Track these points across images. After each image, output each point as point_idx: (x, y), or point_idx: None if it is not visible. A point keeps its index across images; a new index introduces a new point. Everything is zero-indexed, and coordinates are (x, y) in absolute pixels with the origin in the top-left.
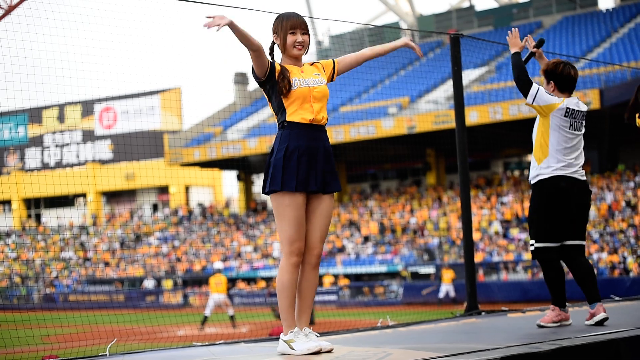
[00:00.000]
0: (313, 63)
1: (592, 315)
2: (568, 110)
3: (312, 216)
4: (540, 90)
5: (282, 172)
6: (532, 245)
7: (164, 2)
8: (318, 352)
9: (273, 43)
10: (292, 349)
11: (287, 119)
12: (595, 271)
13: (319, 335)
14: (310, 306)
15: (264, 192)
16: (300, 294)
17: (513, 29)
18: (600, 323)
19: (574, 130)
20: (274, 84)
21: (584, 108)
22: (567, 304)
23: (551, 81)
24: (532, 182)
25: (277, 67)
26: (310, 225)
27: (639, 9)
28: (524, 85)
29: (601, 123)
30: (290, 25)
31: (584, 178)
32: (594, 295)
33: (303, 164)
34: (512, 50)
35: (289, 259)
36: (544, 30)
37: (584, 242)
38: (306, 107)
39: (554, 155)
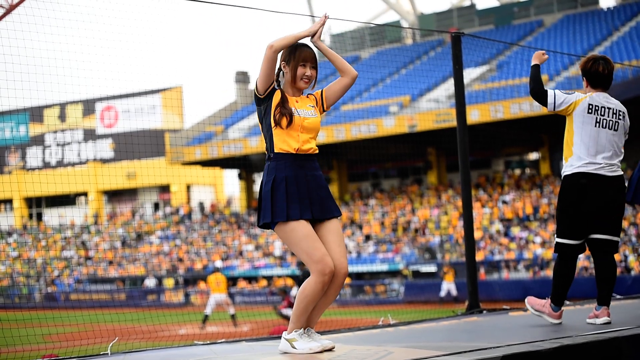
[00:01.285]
0: (308, 95)
1: (595, 316)
2: (591, 106)
3: (325, 238)
4: (557, 95)
5: (271, 203)
6: (556, 238)
7: (165, 1)
8: (320, 352)
9: (280, 70)
10: (293, 347)
11: (274, 149)
12: None
13: (320, 334)
14: (320, 314)
15: (258, 226)
16: (317, 304)
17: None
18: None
19: (602, 127)
20: (268, 106)
21: (614, 105)
22: (567, 302)
23: (584, 77)
24: (562, 174)
25: (277, 93)
26: (327, 245)
27: None
28: (540, 97)
29: None
30: (302, 58)
31: (614, 174)
32: (605, 298)
33: (293, 194)
34: (533, 62)
35: (320, 277)
36: (545, 29)
37: (614, 238)
38: (293, 135)
39: (577, 153)
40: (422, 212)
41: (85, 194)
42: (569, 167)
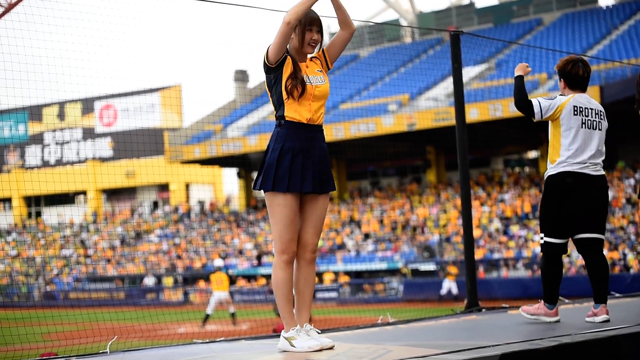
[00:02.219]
0: (312, 58)
1: (594, 315)
2: (576, 108)
3: (307, 215)
4: (542, 103)
5: (274, 171)
6: (541, 238)
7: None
8: (319, 350)
9: None
10: (292, 346)
11: (285, 115)
12: None
13: (320, 332)
14: (308, 303)
15: (254, 188)
16: (298, 291)
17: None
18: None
19: (587, 127)
20: (279, 76)
21: (595, 105)
22: (566, 300)
23: (562, 79)
24: (544, 178)
25: (289, 62)
26: (304, 223)
27: (639, 6)
28: (525, 108)
29: None
30: (309, 22)
31: (598, 173)
32: (602, 296)
33: (297, 164)
34: (517, 73)
35: (280, 256)
36: (544, 27)
37: (599, 236)
38: (305, 105)
39: (565, 155)
40: (421, 210)
41: (84, 193)
42: (554, 167)
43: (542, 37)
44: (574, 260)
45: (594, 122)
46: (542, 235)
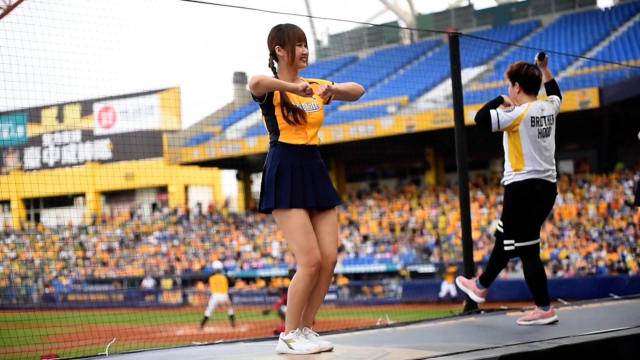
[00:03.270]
0: (312, 82)
1: (542, 317)
2: (533, 119)
3: (320, 228)
4: (500, 115)
5: (274, 189)
6: (511, 245)
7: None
8: (318, 352)
9: (273, 55)
10: (291, 348)
11: (279, 140)
12: (594, 270)
13: (318, 334)
14: (316, 310)
15: (259, 210)
16: (310, 300)
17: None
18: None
19: (543, 136)
20: (270, 106)
21: (549, 112)
22: (564, 302)
23: (516, 83)
24: (506, 184)
25: (276, 94)
26: (319, 235)
27: (638, 8)
28: (483, 120)
29: (600, 122)
30: (298, 37)
31: (554, 180)
32: (542, 298)
33: (297, 182)
34: (501, 95)
35: (307, 269)
36: (543, 29)
37: (540, 240)
38: (300, 133)
39: (529, 163)
40: (420, 212)
41: (83, 195)
42: (520, 174)
43: (541, 39)
44: (572, 262)
45: (547, 130)
46: (512, 241)
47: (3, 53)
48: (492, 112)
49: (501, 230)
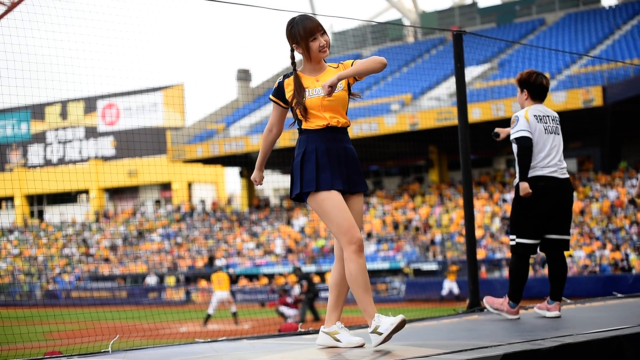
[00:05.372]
0: (338, 65)
1: (547, 309)
2: (536, 116)
3: None
4: (526, 135)
5: (300, 175)
6: (513, 240)
7: None
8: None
9: (293, 51)
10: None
11: (303, 127)
12: (598, 268)
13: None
14: (344, 300)
15: (290, 198)
16: (340, 288)
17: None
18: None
19: (549, 133)
20: (289, 101)
21: (551, 112)
22: (567, 300)
23: (525, 89)
24: (514, 183)
25: (287, 86)
26: None
27: None
28: (528, 148)
29: (604, 120)
30: (309, 32)
31: (564, 176)
32: (557, 294)
33: (323, 165)
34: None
35: (349, 247)
36: (547, 27)
37: (566, 237)
38: (318, 116)
39: (535, 160)
40: (424, 210)
41: (86, 192)
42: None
43: (544, 37)
44: (575, 260)
45: (553, 127)
46: (514, 236)
47: (7, 50)
48: (526, 134)
49: (514, 243)
